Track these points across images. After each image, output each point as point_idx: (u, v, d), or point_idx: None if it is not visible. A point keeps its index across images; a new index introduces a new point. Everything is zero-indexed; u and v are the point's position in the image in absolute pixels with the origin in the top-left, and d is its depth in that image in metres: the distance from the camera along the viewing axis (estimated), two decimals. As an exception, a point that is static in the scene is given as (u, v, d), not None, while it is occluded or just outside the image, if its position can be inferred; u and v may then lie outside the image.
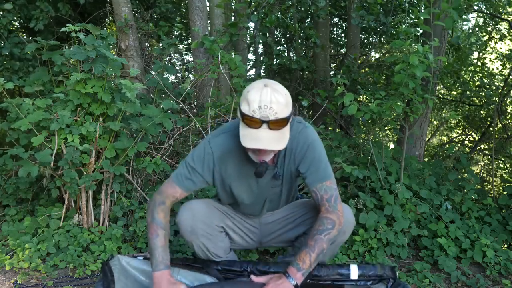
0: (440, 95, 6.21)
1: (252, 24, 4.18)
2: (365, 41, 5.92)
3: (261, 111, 1.41)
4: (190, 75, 5.47)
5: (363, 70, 4.97)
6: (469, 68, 5.59)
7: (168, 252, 1.64)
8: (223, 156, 1.66)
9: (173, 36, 5.71)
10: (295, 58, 4.50)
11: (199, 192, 2.73)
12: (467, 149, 5.80)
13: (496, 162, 5.41)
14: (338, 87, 2.73)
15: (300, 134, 1.65)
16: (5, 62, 3.81)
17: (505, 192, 3.19)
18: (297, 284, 1.52)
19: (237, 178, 1.71)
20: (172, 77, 4.56)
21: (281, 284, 1.51)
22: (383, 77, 4.90)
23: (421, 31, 3.21)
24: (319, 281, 1.83)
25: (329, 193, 1.62)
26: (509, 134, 5.01)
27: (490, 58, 6.48)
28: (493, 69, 5.98)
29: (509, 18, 5.70)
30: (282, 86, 1.51)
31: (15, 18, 4.07)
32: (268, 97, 1.41)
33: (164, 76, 3.21)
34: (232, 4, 4.38)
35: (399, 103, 2.61)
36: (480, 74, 5.65)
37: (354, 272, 1.82)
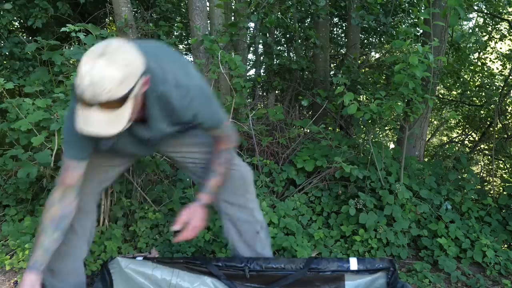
0: (440, 95, 6.21)
1: (252, 24, 4.18)
2: (365, 41, 5.92)
3: (92, 88, 1.17)
4: (190, 75, 5.46)
5: (363, 70, 4.97)
6: (469, 68, 5.59)
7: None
8: None
9: (173, 36, 5.71)
10: (295, 58, 4.50)
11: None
12: (467, 149, 5.80)
13: (496, 162, 5.40)
14: (338, 87, 2.73)
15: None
16: (5, 62, 3.82)
17: (505, 192, 3.19)
18: (205, 204, 1.73)
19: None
20: (172, 77, 4.56)
21: (191, 206, 1.71)
22: (383, 77, 4.90)
23: (421, 31, 3.21)
24: (319, 272, 1.86)
25: (226, 131, 1.66)
26: (509, 134, 5.01)
27: (490, 58, 6.48)
28: (493, 69, 5.97)
29: (509, 18, 5.70)
30: (127, 51, 1.24)
31: (15, 18, 4.08)
32: (101, 71, 1.17)
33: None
34: (232, 4, 4.38)
35: (399, 103, 2.61)
36: (480, 74, 5.66)
37: (353, 264, 1.85)
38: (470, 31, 6.96)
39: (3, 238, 2.54)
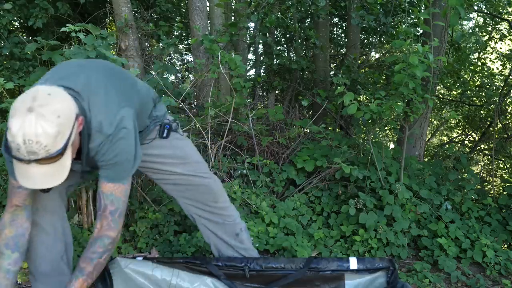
0: (440, 95, 6.21)
1: (252, 24, 4.18)
2: (365, 41, 5.92)
3: (27, 146, 1.13)
4: (190, 75, 5.48)
5: (363, 70, 4.97)
6: (469, 68, 5.59)
7: None
8: None
9: (173, 36, 5.71)
10: (295, 58, 4.50)
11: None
12: (467, 149, 5.80)
13: (496, 162, 5.40)
14: (338, 87, 2.73)
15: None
16: (5, 62, 3.82)
17: (505, 192, 3.19)
18: None
19: None
20: (172, 77, 4.56)
21: None
22: (383, 77, 4.89)
23: (421, 31, 3.21)
24: (319, 271, 1.86)
25: (115, 205, 1.47)
26: (509, 134, 5.01)
27: (490, 58, 6.48)
28: (493, 69, 5.97)
29: (509, 18, 5.70)
30: (55, 103, 1.18)
31: (15, 18, 4.07)
32: (33, 129, 1.12)
33: (164, 76, 3.21)
34: (232, 4, 4.38)
35: (399, 103, 2.61)
36: (480, 74, 5.65)
37: (353, 263, 1.85)
38: (470, 31, 6.95)
39: (3, 238, 2.54)
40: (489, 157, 5.54)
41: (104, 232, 1.46)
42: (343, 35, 6.41)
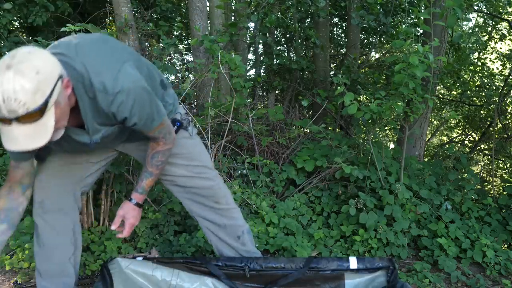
0: (440, 95, 6.21)
1: (252, 24, 4.18)
2: (365, 41, 5.92)
3: (6, 105, 1.12)
4: (190, 75, 5.47)
5: (363, 70, 4.97)
6: (469, 68, 5.59)
7: None
8: None
9: (173, 36, 5.71)
10: (295, 58, 4.50)
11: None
12: (467, 149, 5.81)
13: (496, 162, 5.41)
14: (339, 87, 2.73)
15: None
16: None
17: (505, 192, 3.19)
18: (137, 203, 1.73)
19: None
20: (172, 77, 4.55)
21: (125, 205, 1.71)
22: (383, 77, 4.89)
23: (421, 31, 3.21)
24: (319, 271, 1.86)
25: (162, 132, 1.60)
26: (509, 134, 5.01)
27: (490, 58, 6.48)
28: (493, 69, 5.97)
29: (509, 18, 5.70)
30: (34, 60, 1.17)
31: (15, 18, 4.07)
32: (11, 85, 1.11)
33: (164, 76, 3.20)
34: (232, 4, 4.38)
35: (399, 103, 2.61)
36: (480, 74, 5.65)
37: (353, 263, 1.85)
38: (470, 31, 6.95)
39: (3, 238, 2.54)
40: (489, 157, 5.55)
41: (163, 147, 1.65)
42: (343, 35, 6.41)
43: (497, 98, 4.71)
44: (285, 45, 5.73)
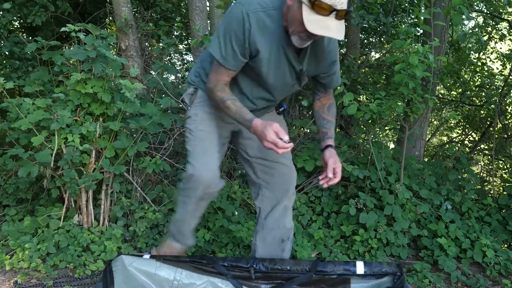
0: (440, 95, 6.21)
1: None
2: (365, 41, 5.91)
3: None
4: (190, 75, 5.45)
5: (363, 70, 4.96)
6: (469, 68, 5.59)
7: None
8: (259, 34, 1.62)
9: (173, 36, 5.71)
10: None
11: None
12: (467, 149, 5.80)
13: (496, 162, 5.41)
14: (338, 87, 2.73)
15: None
16: (4, 61, 3.81)
17: (505, 192, 3.19)
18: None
19: (270, 60, 1.70)
20: (172, 77, 4.55)
21: (331, 153, 1.81)
22: (383, 77, 4.89)
23: (421, 31, 3.21)
24: (325, 275, 1.85)
25: (337, 83, 1.89)
26: (509, 134, 5.01)
27: (490, 58, 6.48)
28: (493, 69, 5.97)
29: (509, 18, 5.70)
30: None
31: (14, 18, 4.07)
32: None
33: (164, 76, 3.20)
34: (232, 4, 4.38)
35: (399, 103, 2.61)
36: (480, 74, 5.65)
37: (360, 268, 1.84)
38: (470, 31, 6.95)
39: (3, 238, 2.54)
40: (489, 157, 5.54)
41: (332, 101, 1.94)
42: (343, 35, 6.39)
43: (497, 98, 4.71)
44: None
